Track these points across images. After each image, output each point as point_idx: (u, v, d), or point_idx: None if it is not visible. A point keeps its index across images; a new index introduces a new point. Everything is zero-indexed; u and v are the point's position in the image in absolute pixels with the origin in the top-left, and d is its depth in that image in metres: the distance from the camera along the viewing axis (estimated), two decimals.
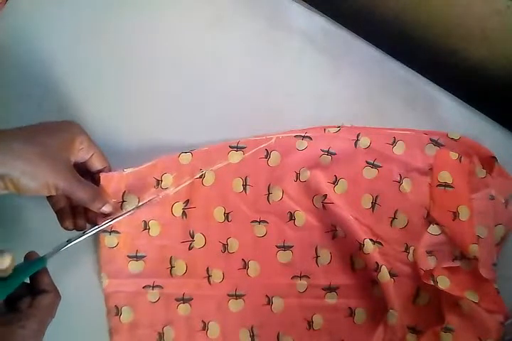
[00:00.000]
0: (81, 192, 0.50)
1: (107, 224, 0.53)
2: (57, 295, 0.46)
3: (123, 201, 0.55)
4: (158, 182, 0.56)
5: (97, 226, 0.53)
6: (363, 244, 0.53)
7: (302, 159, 0.57)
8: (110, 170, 0.55)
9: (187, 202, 0.57)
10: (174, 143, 0.60)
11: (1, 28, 0.65)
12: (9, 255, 0.43)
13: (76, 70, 0.63)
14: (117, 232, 0.56)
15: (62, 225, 0.53)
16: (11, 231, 0.59)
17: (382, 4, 0.67)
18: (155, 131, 0.61)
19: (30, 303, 0.44)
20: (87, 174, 0.54)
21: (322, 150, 0.57)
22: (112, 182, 0.55)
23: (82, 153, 0.51)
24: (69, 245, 0.50)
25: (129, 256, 0.56)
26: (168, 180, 0.56)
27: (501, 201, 0.55)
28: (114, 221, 0.53)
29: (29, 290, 0.46)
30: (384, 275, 0.53)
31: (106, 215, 0.53)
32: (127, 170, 0.56)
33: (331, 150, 0.57)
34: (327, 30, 0.63)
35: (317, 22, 0.63)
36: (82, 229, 0.53)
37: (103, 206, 0.52)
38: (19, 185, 0.46)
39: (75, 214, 0.54)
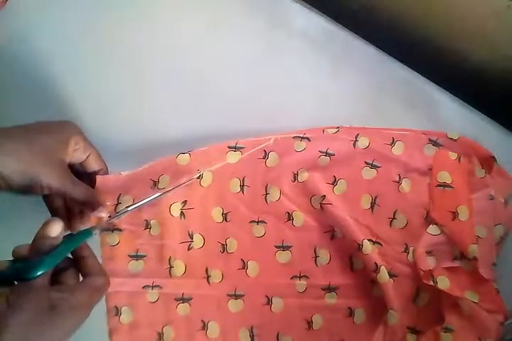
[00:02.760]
0: (74, 192, 0.50)
1: (152, 198, 0.53)
2: (108, 281, 0.46)
3: (118, 203, 0.55)
4: (155, 183, 0.56)
5: (144, 200, 0.53)
6: (362, 245, 0.53)
7: (300, 160, 0.57)
8: (107, 171, 0.55)
9: (185, 202, 0.57)
10: (173, 144, 0.60)
11: (1, 28, 0.65)
12: (60, 222, 0.43)
13: (76, 70, 0.64)
14: (119, 230, 0.56)
15: None
16: (9, 230, 0.59)
17: (383, 4, 0.67)
18: (154, 131, 0.61)
19: (82, 281, 0.45)
20: (84, 175, 0.54)
21: (320, 152, 0.57)
22: (108, 184, 0.55)
23: (77, 153, 0.51)
24: (112, 219, 0.51)
25: (129, 256, 0.56)
26: (165, 181, 0.56)
27: (501, 201, 0.55)
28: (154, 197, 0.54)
29: (70, 263, 0.46)
30: (383, 275, 0.53)
31: (100, 217, 0.53)
32: (124, 173, 0.56)
33: (329, 151, 0.57)
34: (327, 30, 0.63)
35: (317, 22, 0.63)
36: (76, 231, 0.53)
37: (97, 208, 0.52)
38: (11, 184, 0.46)
39: (70, 215, 0.54)
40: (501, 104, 0.61)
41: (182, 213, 0.57)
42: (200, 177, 0.57)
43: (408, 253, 0.55)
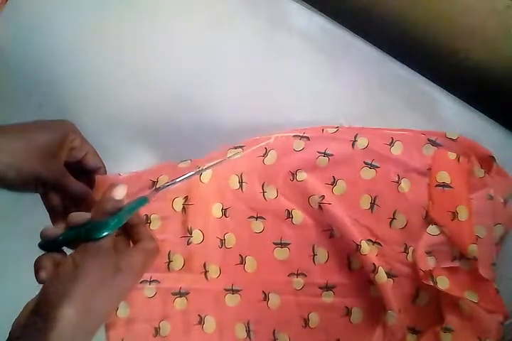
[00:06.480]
0: (69, 190, 0.50)
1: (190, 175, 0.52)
2: (158, 246, 0.46)
3: None
4: (154, 183, 0.56)
5: (189, 173, 0.52)
6: (360, 245, 0.53)
7: (299, 160, 0.57)
8: (105, 170, 0.55)
9: (186, 198, 0.56)
10: (173, 145, 0.60)
11: (1, 28, 0.65)
12: (125, 186, 0.45)
13: (76, 70, 0.64)
14: None
15: (54, 224, 0.53)
16: (9, 229, 0.59)
17: (382, 4, 0.67)
18: (155, 131, 0.61)
19: (135, 245, 0.45)
20: (82, 174, 0.54)
21: (319, 152, 0.57)
22: (108, 183, 0.54)
23: (74, 152, 0.51)
24: (159, 190, 0.50)
25: None
26: (164, 180, 0.55)
27: (500, 200, 0.54)
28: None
29: (121, 230, 0.46)
30: (381, 276, 0.52)
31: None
32: (123, 174, 0.55)
33: (327, 152, 0.57)
34: (327, 30, 0.63)
35: (317, 22, 0.63)
36: None
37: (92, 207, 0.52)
38: (5, 179, 0.46)
39: (67, 214, 0.54)
40: (501, 104, 0.61)
41: (184, 208, 0.57)
42: (200, 173, 0.56)
43: (408, 253, 0.54)
